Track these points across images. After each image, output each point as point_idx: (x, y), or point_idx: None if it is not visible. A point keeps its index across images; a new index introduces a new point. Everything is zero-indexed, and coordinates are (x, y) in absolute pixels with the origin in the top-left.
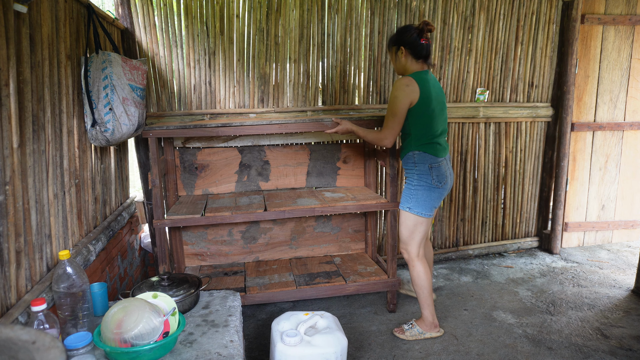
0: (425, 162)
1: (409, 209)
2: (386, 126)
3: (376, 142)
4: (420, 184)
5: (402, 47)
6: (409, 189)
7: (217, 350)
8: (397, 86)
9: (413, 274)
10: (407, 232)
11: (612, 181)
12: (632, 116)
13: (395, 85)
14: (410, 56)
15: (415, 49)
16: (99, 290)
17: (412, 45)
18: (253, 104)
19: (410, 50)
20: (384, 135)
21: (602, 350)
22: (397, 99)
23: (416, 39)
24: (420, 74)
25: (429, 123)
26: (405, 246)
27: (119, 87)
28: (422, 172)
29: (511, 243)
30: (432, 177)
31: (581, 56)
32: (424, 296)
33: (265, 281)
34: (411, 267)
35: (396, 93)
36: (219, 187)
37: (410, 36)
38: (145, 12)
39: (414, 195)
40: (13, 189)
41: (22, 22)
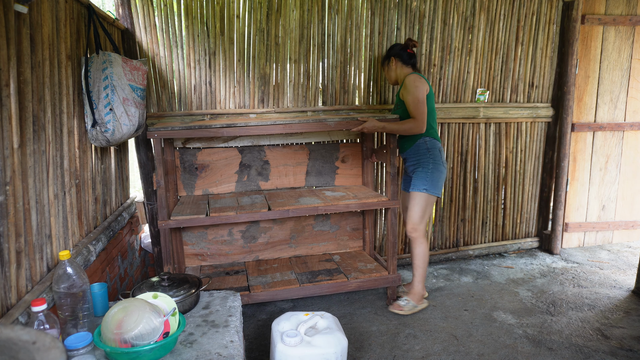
0: (435, 147)
1: (426, 190)
2: (417, 113)
3: (412, 131)
4: (435, 166)
5: (391, 57)
6: (424, 172)
7: (217, 351)
8: (413, 79)
9: (419, 250)
10: (420, 212)
11: (612, 181)
12: (633, 116)
13: (410, 80)
14: (399, 63)
15: (402, 56)
16: (99, 290)
17: (399, 54)
18: (253, 104)
19: (398, 58)
20: (419, 120)
21: (603, 351)
22: (418, 89)
23: (402, 49)
24: (418, 74)
25: (433, 113)
26: (416, 226)
27: (120, 87)
28: (434, 156)
29: (511, 243)
30: (442, 159)
31: (581, 56)
32: (423, 271)
33: (267, 280)
34: (418, 245)
35: (415, 84)
36: (219, 187)
37: (396, 49)
38: (146, 12)
39: (429, 177)
40: (13, 189)
41: (22, 22)
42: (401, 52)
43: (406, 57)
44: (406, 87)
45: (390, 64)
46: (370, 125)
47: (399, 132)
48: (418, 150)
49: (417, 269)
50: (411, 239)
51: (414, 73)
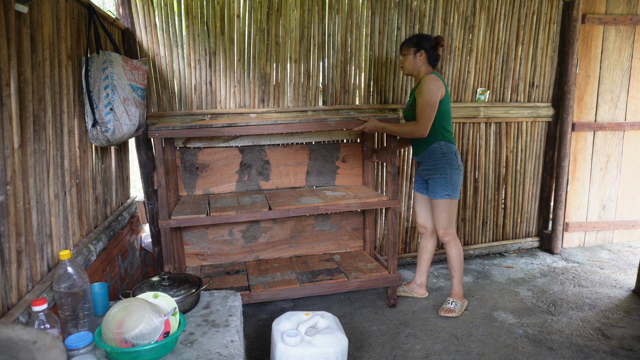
0: (451, 151)
1: (448, 195)
2: (423, 116)
3: (412, 134)
4: (452, 170)
5: (422, 50)
6: (443, 178)
7: (218, 350)
8: (429, 80)
9: (454, 252)
10: (448, 217)
11: (613, 181)
12: (633, 116)
13: (427, 80)
14: (425, 60)
15: (432, 56)
16: (99, 290)
17: (430, 52)
18: (254, 104)
19: (428, 55)
20: (422, 124)
21: (603, 351)
22: (432, 91)
23: (434, 48)
24: (437, 74)
25: (449, 115)
26: (447, 230)
27: (120, 87)
28: (451, 159)
29: (512, 243)
30: (458, 163)
31: (582, 56)
32: (460, 271)
33: (268, 279)
34: (452, 247)
35: (430, 86)
36: (219, 187)
37: (430, 44)
38: (146, 12)
39: (449, 182)
40: (14, 189)
41: (23, 22)
42: (433, 50)
43: (434, 57)
44: (421, 87)
45: (418, 55)
46: (371, 125)
47: (398, 134)
48: (433, 155)
49: (455, 270)
50: (444, 242)
51: (434, 73)
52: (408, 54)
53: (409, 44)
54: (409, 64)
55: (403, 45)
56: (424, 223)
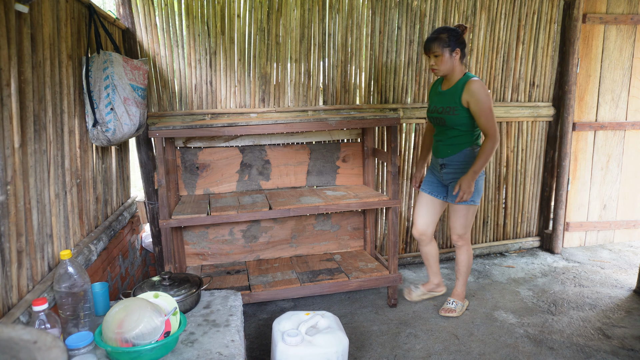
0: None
1: (473, 201)
2: (492, 125)
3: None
4: (480, 176)
5: (457, 49)
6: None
7: (218, 350)
8: (482, 86)
9: (464, 257)
10: (466, 223)
11: (613, 181)
12: (634, 115)
13: (480, 85)
14: (460, 58)
15: (464, 51)
16: (100, 289)
17: (463, 48)
18: (254, 103)
19: (462, 52)
20: (494, 134)
21: (604, 351)
22: (489, 97)
23: (464, 42)
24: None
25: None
26: (463, 235)
27: (120, 87)
28: None
29: (512, 243)
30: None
31: (583, 56)
32: (466, 275)
33: (268, 279)
34: (464, 252)
35: (486, 92)
36: (220, 187)
37: (460, 40)
38: (147, 12)
39: (476, 187)
40: (14, 188)
41: (23, 22)
42: (462, 45)
43: (464, 52)
44: (475, 94)
45: (454, 55)
46: (467, 183)
47: (487, 161)
48: (465, 159)
49: (461, 274)
50: (456, 246)
51: (472, 76)
52: (442, 54)
53: (442, 44)
54: (446, 66)
55: (433, 45)
56: (425, 230)
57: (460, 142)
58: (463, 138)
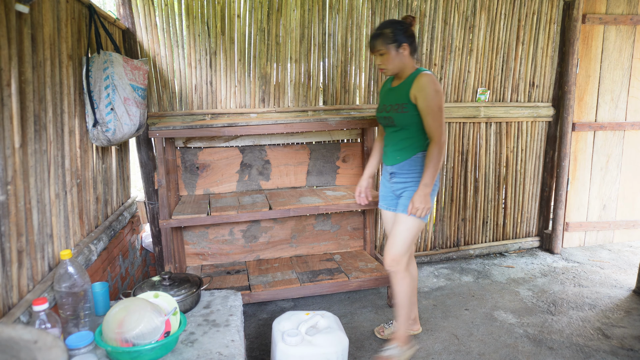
0: None
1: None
2: (439, 127)
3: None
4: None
5: (404, 44)
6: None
7: (218, 350)
8: (432, 80)
9: (401, 287)
10: (409, 241)
11: (613, 181)
12: (634, 116)
13: (429, 81)
14: (409, 53)
15: (414, 45)
16: (100, 289)
17: (412, 41)
18: (254, 103)
19: (410, 46)
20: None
21: (604, 350)
22: (440, 93)
23: (413, 34)
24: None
25: None
26: (399, 258)
27: (120, 87)
28: None
29: (512, 243)
30: (438, 178)
31: (582, 56)
32: (407, 310)
33: (268, 279)
34: (400, 280)
35: (436, 87)
36: (220, 187)
37: (408, 32)
38: (147, 12)
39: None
40: (15, 188)
41: (23, 22)
42: (413, 37)
43: (415, 46)
44: (423, 89)
45: (401, 51)
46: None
47: (437, 168)
48: (415, 166)
49: (401, 308)
50: (390, 273)
51: (424, 70)
52: (387, 52)
53: (386, 40)
54: (394, 64)
55: (377, 43)
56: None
57: (410, 146)
58: (413, 141)
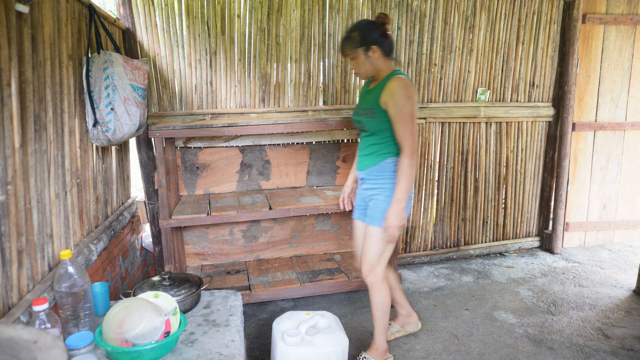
0: None
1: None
2: (409, 136)
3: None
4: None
5: (373, 46)
6: (387, 203)
7: (218, 350)
8: (404, 86)
9: (378, 298)
10: (379, 251)
11: (613, 181)
12: (634, 116)
13: (400, 86)
14: (381, 55)
15: (386, 46)
16: (100, 289)
17: (383, 42)
18: (254, 103)
19: (382, 47)
20: (412, 149)
21: (604, 351)
22: (411, 99)
23: (385, 34)
24: (404, 73)
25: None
26: (372, 268)
27: (121, 87)
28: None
29: (512, 243)
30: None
31: (582, 56)
32: (384, 322)
33: (268, 279)
34: (377, 291)
35: (407, 93)
36: (220, 187)
37: (379, 32)
38: (147, 12)
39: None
40: (15, 188)
41: (23, 22)
42: (385, 37)
43: (388, 47)
44: (393, 95)
45: (371, 54)
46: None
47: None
48: (383, 172)
49: (377, 320)
50: (367, 284)
51: (400, 73)
52: (357, 56)
53: (353, 44)
54: (365, 68)
55: (345, 48)
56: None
57: (379, 151)
58: (383, 147)
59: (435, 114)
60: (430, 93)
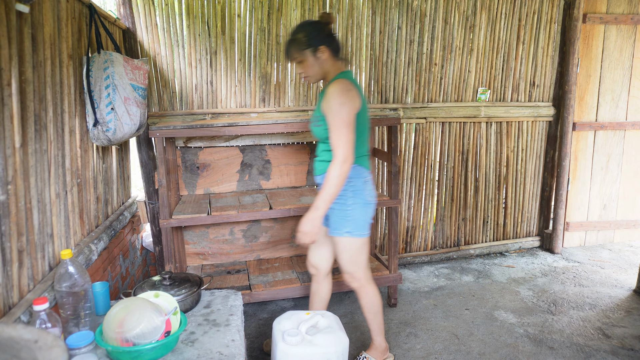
0: (360, 177)
1: (349, 233)
2: (342, 145)
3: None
4: (356, 201)
5: (321, 46)
6: (343, 210)
7: (219, 350)
8: (338, 91)
9: (366, 300)
10: (351, 259)
11: (613, 181)
12: (634, 115)
13: (335, 91)
14: (330, 55)
15: (334, 46)
16: (100, 289)
17: (330, 42)
18: (254, 103)
19: (330, 47)
20: (342, 157)
21: (604, 350)
22: (345, 106)
23: (331, 34)
24: (350, 75)
25: (364, 132)
26: (352, 274)
27: (121, 86)
28: (357, 189)
29: (512, 243)
30: (366, 193)
31: (583, 55)
32: (378, 322)
33: (268, 279)
34: (363, 294)
35: (341, 100)
36: (220, 187)
37: (325, 32)
38: (147, 11)
39: (350, 217)
40: (15, 188)
41: (24, 22)
42: (332, 37)
43: (336, 47)
44: (328, 102)
45: (319, 55)
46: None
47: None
48: None
49: (371, 322)
50: (353, 289)
51: (345, 75)
52: (305, 58)
53: (300, 46)
54: (314, 70)
55: (291, 51)
56: (316, 262)
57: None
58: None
59: (435, 113)
60: (431, 93)
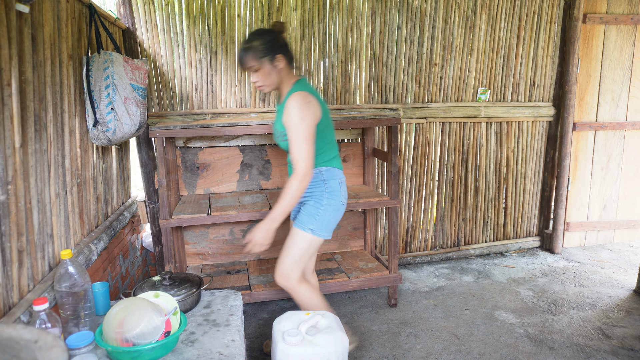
0: (335, 178)
1: (312, 230)
2: (302, 160)
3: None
4: (330, 202)
5: (278, 55)
6: (315, 208)
7: (219, 350)
8: (298, 106)
9: (302, 299)
10: (298, 255)
11: (614, 181)
12: (634, 115)
13: (294, 106)
14: (286, 64)
15: (290, 55)
16: (100, 289)
17: (286, 51)
18: (254, 103)
19: (286, 56)
20: (303, 170)
21: (604, 350)
22: (305, 121)
23: (285, 42)
24: (305, 83)
25: (331, 134)
26: (287, 273)
27: (121, 86)
28: (332, 190)
29: (513, 243)
30: (340, 195)
31: (583, 56)
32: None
33: (269, 279)
34: (297, 294)
35: (301, 114)
36: (220, 187)
37: (280, 42)
38: (147, 11)
39: (320, 216)
40: (15, 188)
41: (24, 22)
42: (287, 46)
43: (290, 56)
44: (289, 116)
45: (276, 63)
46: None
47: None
48: (313, 180)
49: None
50: (284, 288)
51: (300, 87)
52: (261, 67)
53: (257, 54)
54: (271, 79)
55: (247, 59)
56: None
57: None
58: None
59: (435, 113)
60: (431, 93)
